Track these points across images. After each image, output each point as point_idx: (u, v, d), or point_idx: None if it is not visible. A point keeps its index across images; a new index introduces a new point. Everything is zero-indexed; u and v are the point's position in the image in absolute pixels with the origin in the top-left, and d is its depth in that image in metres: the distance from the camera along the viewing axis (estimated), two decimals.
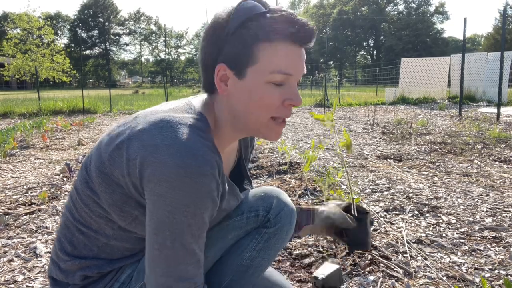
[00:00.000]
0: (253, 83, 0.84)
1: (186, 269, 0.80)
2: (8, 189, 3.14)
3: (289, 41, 0.83)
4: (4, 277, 1.71)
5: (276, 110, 0.87)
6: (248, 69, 0.84)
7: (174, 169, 0.74)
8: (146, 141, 0.79)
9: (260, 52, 0.82)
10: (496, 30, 43.42)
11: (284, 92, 0.86)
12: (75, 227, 0.93)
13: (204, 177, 0.76)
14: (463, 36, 8.69)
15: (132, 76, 72.20)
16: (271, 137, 0.91)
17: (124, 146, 0.81)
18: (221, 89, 0.87)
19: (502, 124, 6.93)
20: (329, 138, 5.76)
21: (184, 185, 0.75)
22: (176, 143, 0.77)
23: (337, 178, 3.08)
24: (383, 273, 1.65)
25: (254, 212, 1.05)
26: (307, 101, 14.79)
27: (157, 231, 0.78)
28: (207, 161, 0.77)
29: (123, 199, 0.84)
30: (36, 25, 21.60)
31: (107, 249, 0.93)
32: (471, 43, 66.21)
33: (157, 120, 0.82)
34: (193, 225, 0.78)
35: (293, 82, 0.87)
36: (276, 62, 0.83)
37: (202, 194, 0.77)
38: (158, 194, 0.76)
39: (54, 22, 59.49)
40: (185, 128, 0.81)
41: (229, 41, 0.83)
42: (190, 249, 0.80)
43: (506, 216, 2.31)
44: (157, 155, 0.76)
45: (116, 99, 16.71)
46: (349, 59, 61.39)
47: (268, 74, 0.83)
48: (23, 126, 6.20)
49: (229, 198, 0.97)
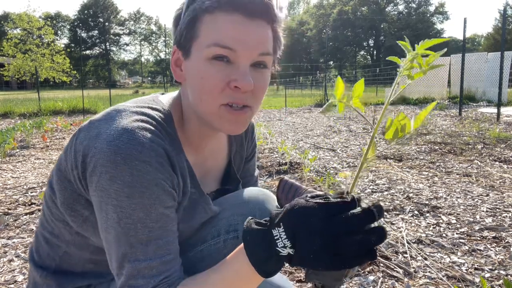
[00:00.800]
0: (195, 62, 0.75)
1: (150, 265, 0.71)
2: (8, 189, 3.14)
3: (231, 10, 0.72)
4: (4, 277, 1.71)
5: (221, 94, 0.74)
6: (191, 46, 0.75)
7: (111, 156, 0.68)
8: (91, 130, 0.73)
9: (202, 25, 0.74)
10: (496, 30, 43.44)
11: (229, 72, 0.73)
12: (41, 234, 0.89)
13: (145, 164, 0.68)
14: (463, 36, 8.69)
15: (132, 76, 72.25)
16: (225, 128, 0.78)
17: (74, 138, 0.77)
18: (176, 74, 0.80)
19: (502, 124, 6.92)
20: (329, 138, 5.76)
21: (124, 174, 0.67)
22: (118, 130, 0.70)
23: (338, 178, 3.08)
24: (383, 273, 1.65)
25: (232, 232, 0.86)
26: (307, 101, 14.79)
27: (109, 229, 0.71)
28: (150, 147, 0.70)
29: (73, 197, 0.78)
30: (36, 25, 21.63)
31: (67, 258, 0.87)
32: (471, 43, 66.26)
33: (109, 109, 0.77)
34: (146, 219, 0.70)
35: (241, 60, 0.74)
36: (214, 33, 0.72)
37: (147, 183, 0.69)
38: (101, 189, 0.69)
39: (54, 22, 59.57)
40: (133, 115, 0.74)
41: (182, 21, 0.77)
42: (151, 244, 0.71)
43: (506, 216, 2.31)
44: (97, 144, 0.70)
45: (116, 99, 16.69)
46: (349, 59, 61.41)
47: (206, 48, 0.73)
48: (23, 126, 6.20)
49: (195, 206, 0.84)
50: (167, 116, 0.80)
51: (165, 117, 0.79)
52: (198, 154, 0.90)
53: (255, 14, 0.73)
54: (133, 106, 0.78)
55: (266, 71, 0.79)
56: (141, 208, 0.69)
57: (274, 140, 5.47)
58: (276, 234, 0.60)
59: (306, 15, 64.92)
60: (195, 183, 0.84)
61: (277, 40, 0.80)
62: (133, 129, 0.71)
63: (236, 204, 0.90)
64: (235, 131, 0.79)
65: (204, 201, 0.86)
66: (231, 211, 0.89)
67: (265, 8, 0.74)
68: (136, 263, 0.70)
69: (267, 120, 8.80)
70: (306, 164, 3.50)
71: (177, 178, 0.76)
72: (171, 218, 0.74)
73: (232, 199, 0.92)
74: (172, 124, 0.80)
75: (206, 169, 0.95)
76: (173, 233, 0.75)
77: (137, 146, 0.69)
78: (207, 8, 0.73)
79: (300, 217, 0.59)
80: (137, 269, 0.70)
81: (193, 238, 0.87)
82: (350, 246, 0.56)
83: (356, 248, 0.56)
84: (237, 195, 0.93)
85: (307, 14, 64.66)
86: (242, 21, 0.72)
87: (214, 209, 0.88)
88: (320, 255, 0.56)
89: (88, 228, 0.80)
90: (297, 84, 33.82)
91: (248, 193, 0.92)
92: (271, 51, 0.78)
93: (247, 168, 1.11)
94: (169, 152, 0.74)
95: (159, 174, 0.71)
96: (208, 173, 0.96)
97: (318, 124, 7.77)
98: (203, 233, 0.87)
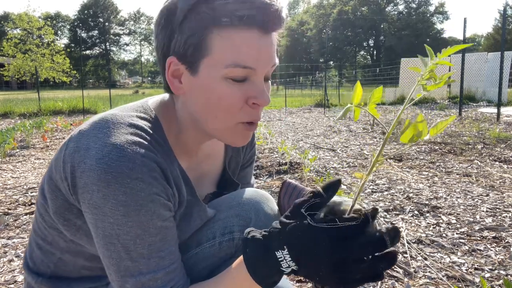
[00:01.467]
0: (208, 80, 0.71)
1: (155, 277, 0.70)
2: (8, 189, 3.14)
3: (247, 26, 0.68)
4: (4, 277, 1.71)
5: (240, 111, 0.73)
6: (201, 62, 0.71)
7: (102, 175, 0.65)
8: (81, 143, 0.70)
9: (213, 41, 0.68)
10: (496, 30, 43.45)
11: (246, 89, 0.72)
12: (35, 241, 0.87)
13: (137, 182, 0.66)
14: (463, 36, 8.69)
15: (132, 76, 72.26)
16: (237, 142, 0.79)
17: (64, 148, 0.73)
18: (174, 87, 0.75)
19: (502, 124, 6.93)
20: (329, 138, 5.76)
21: (116, 193, 0.66)
22: (107, 145, 0.67)
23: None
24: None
25: (228, 235, 0.84)
26: (307, 101, 14.79)
27: (108, 246, 0.69)
28: (141, 162, 0.67)
29: (65, 206, 0.75)
30: (36, 25, 21.64)
31: (62, 265, 0.85)
32: (471, 43, 66.24)
33: (98, 119, 0.74)
34: (144, 234, 0.68)
35: (258, 77, 0.72)
36: (233, 53, 0.68)
37: (142, 201, 0.67)
38: (95, 206, 0.67)
39: (54, 22, 59.56)
40: (122, 127, 0.71)
41: (179, 29, 0.70)
42: (153, 257, 0.70)
43: (506, 216, 2.31)
44: (87, 160, 0.67)
45: (116, 99, 16.70)
46: (349, 59, 61.44)
47: (224, 69, 0.69)
48: (23, 126, 6.20)
49: (191, 213, 0.83)
50: (156, 124, 0.77)
51: (154, 126, 0.76)
52: (192, 158, 0.89)
53: (271, 28, 0.71)
54: (121, 116, 0.74)
55: (269, 81, 0.78)
56: (138, 226, 0.68)
57: (274, 140, 5.47)
58: (280, 256, 0.60)
59: (306, 15, 64.92)
60: (191, 191, 0.82)
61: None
62: (122, 144, 0.68)
63: (231, 206, 0.88)
64: (243, 144, 0.80)
65: (200, 209, 0.85)
66: (226, 212, 0.87)
67: (279, 20, 0.71)
68: (140, 277, 0.69)
69: (267, 120, 8.80)
70: (306, 164, 3.50)
71: (172, 190, 0.74)
72: (170, 228, 0.73)
73: (227, 200, 0.91)
74: (162, 132, 0.78)
75: (202, 172, 0.94)
76: (174, 241, 0.74)
77: (127, 163, 0.66)
78: (221, 23, 0.67)
79: (305, 242, 0.58)
80: (141, 282, 0.70)
81: (188, 240, 0.86)
82: (356, 273, 0.56)
83: (362, 275, 0.56)
84: (232, 196, 0.92)
85: (307, 14, 64.66)
86: (259, 38, 0.69)
87: (209, 215, 0.87)
88: (326, 277, 0.57)
89: (82, 237, 0.79)
90: (297, 84, 33.82)
91: (243, 194, 0.91)
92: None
93: (243, 175, 1.09)
94: (161, 165, 0.71)
95: (153, 189, 0.68)
96: (203, 176, 0.95)
97: (318, 124, 7.77)
98: (198, 235, 0.86)
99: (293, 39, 61.51)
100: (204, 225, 0.87)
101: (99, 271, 0.85)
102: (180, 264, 0.76)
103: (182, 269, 0.76)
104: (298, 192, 1.00)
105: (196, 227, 0.85)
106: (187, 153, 0.87)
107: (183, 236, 0.83)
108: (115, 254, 0.69)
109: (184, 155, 0.85)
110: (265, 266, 0.62)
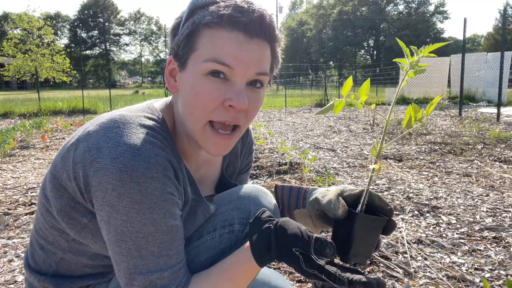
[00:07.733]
0: (192, 75, 0.74)
1: (162, 276, 0.72)
2: (8, 189, 3.14)
3: (230, 28, 0.72)
4: (4, 277, 1.71)
5: (214, 111, 0.74)
6: (189, 59, 0.75)
7: (117, 174, 0.67)
8: (91, 143, 0.71)
9: (201, 39, 0.73)
10: (496, 30, 43.45)
11: (225, 90, 0.73)
12: (36, 241, 0.88)
13: (153, 181, 0.69)
14: (463, 36, 8.69)
15: (132, 76, 72.27)
16: (209, 148, 0.78)
17: (73, 148, 0.74)
18: (169, 84, 0.80)
19: (502, 124, 6.93)
20: (329, 138, 5.76)
21: (132, 192, 0.68)
22: (120, 145, 0.69)
23: (337, 178, 3.08)
24: (383, 273, 1.65)
25: (228, 227, 0.86)
26: (307, 101, 14.79)
27: (119, 243, 0.71)
28: (155, 161, 0.70)
29: (71, 205, 0.77)
30: (36, 25, 21.64)
31: (64, 265, 0.86)
32: (471, 43, 66.26)
33: (106, 119, 0.75)
34: (156, 232, 0.71)
35: (238, 78, 0.74)
36: (213, 49, 0.72)
37: (156, 199, 0.69)
38: (109, 204, 0.69)
39: (54, 22, 59.59)
40: (133, 127, 0.73)
41: (179, 32, 0.77)
42: (162, 255, 0.72)
43: (506, 216, 2.31)
44: (100, 160, 0.69)
45: (116, 99, 16.71)
46: (349, 59, 61.42)
47: (203, 62, 0.73)
48: (23, 126, 6.20)
49: (196, 212, 0.86)
50: (163, 125, 0.80)
51: (161, 126, 0.79)
52: (191, 162, 0.91)
53: (255, 34, 0.73)
54: (130, 116, 0.76)
55: (262, 90, 0.79)
56: (152, 223, 0.70)
57: (274, 140, 5.47)
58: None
59: (306, 15, 64.92)
60: (195, 190, 0.85)
61: (275, 59, 0.81)
62: (135, 143, 0.70)
63: (231, 200, 0.91)
64: (218, 154, 0.80)
65: (204, 207, 0.87)
66: (226, 206, 0.89)
67: (265, 29, 0.74)
68: (148, 275, 0.72)
69: (267, 120, 8.80)
70: (306, 164, 3.50)
71: (181, 188, 0.77)
72: (179, 227, 0.76)
73: (227, 196, 0.93)
74: (169, 132, 0.80)
75: (200, 175, 0.96)
76: (182, 240, 0.77)
77: (142, 163, 0.68)
78: (208, 23, 0.73)
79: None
80: (149, 280, 0.72)
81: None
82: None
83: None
84: (232, 192, 0.94)
85: (307, 14, 64.66)
86: (241, 40, 0.72)
87: (212, 212, 0.89)
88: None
89: (87, 235, 0.80)
90: (297, 84, 33.83)
91: (243, 190, 0.93)
92: (268, 70, 0.78)
93: (240, 181, 1.12)
94: (173, 163, 0.74)
95: (167, 188, 0.71)
96: (202, 180, 0.97)
97: (318, 124, 7.77)
98: (199, 228, 0.88)
99: (293, 39, 61.48)
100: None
101: (101, 268, 0.87)
102: (185, 262, 0.78)
103: (185, 267, 0.78)
104: (297, 192, 1.00)
105: (200, 224, 0.88)
106: (187, 157, 0.89)
107: (187, 233, 0.86)
108: (126, 251, 0.71)
109: (184, 159, 0.88)
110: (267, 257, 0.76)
